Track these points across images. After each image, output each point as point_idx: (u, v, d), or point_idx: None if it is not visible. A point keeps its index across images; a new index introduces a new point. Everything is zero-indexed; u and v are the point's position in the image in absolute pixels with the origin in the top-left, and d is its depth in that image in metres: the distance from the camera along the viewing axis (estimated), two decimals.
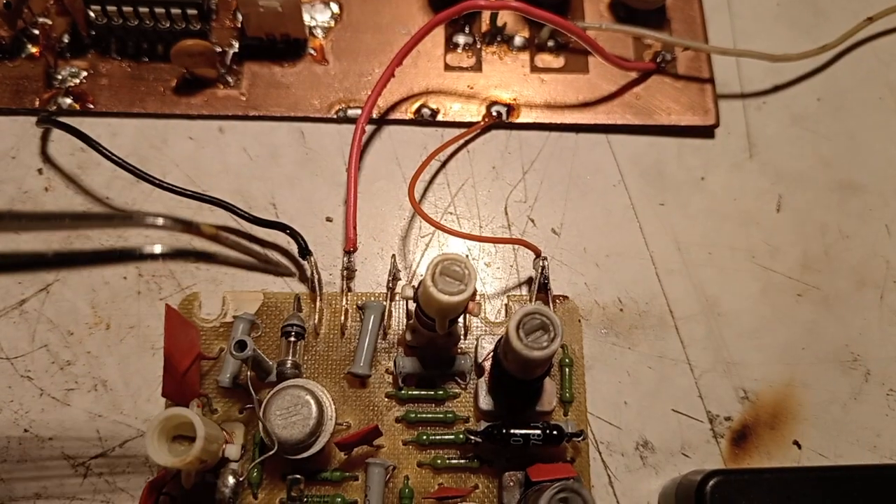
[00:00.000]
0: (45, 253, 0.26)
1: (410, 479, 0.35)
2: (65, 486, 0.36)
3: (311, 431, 0.32)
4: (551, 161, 0.43)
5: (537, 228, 0.41)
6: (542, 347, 0.30)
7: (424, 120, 0.43)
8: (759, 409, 0.39)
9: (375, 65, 0.43)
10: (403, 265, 0.40)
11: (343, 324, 0.38)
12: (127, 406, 0.37)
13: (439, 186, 0.42)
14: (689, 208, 0.42)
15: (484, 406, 0.35)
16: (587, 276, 0.40)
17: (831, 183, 0.43)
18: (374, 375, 0.37)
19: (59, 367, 0.38)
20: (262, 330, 0.37)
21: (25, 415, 0.37)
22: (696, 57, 0.44)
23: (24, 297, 0.39)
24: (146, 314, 0.39)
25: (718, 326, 0.40)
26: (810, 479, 0.33)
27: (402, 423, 0.36)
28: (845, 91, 0.45)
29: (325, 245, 0.40)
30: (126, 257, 0.26)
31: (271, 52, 0.43)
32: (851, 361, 0.40)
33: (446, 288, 0.31)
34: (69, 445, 0.37)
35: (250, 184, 0.41)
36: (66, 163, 0.41)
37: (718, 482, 0.32)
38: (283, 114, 0.42)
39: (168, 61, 0.42)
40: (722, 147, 0.43)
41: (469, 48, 0.44)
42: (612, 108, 0.43)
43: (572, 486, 0.29)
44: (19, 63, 0.43)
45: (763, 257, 0.41)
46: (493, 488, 0.35)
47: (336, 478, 0.35)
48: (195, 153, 0.42)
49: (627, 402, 0.38)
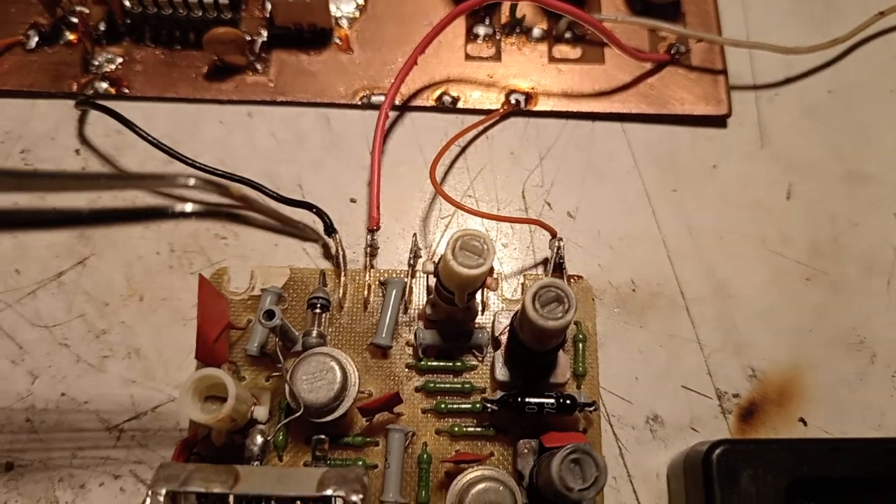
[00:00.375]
0: (81, 211, 0.27)
1: (429, 446, 0.37)
2: (99, 447, 0.38)
3: (335, 395, 0.34)
4: (568, 148, 0.44)
5: (553, 212, 0.43)
6: (557, 318, 0.32)
7: (445, 107, 0.44)
8: (766, 388, 0.40)
9: (399, 54, 0.45)
10: (424, 244, 0.42)
11: (366, 298, 0.39)
12: (159, 373, 0.39)
13: (459, 171, 0.44)
14: (701, 195, 0.43)
15: (500, 377, 0.37)
16: (601, 258, 0.42)
17: (841, 173, 0.44)
18: (395, 347, 0.38)
19: (95, 335, 0.40)
20: (289, 303, 0.39)
21: (63, 380, 0.39)
22: (709, 49, 0.45)
23: (61, 270, 0.41)
24: (178, 287, 0.41)
25: (728, 308, 0.41)
26: (815, 450, 0.34)
27: (421, 392, 0.38)
28: (856, 84, 0.46)
29: (349, 225, 0.42)
30: (159, 215, 0.27)
31: (299, 40, 0.45)
32: (858, 344, 0.41)
33: (466, 261, 0.33)
34: (104, 409, 0.38)
35: (278, 166, 0.43)
36: (101, 144, 0.43)
37: (724, 451, 0.34)
38: (310, 100, 0.44)
39: (200, 49, 0.44)
40: (734, 136, 0.45)
41: (489, 39, 0.46)
42: (628, 97, 0.45)
43: (584, 447, 0.31)
44: (58, 49, 0.45)
45: (773, 243, 0.43)
46: (507, 455, 0.37)
47: (358, 443, 0.37)
48: (225, 137, 0.44)
49: (639, 377, 0.40)
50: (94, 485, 0.37)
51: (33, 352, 0.39)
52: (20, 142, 0.43)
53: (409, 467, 0.37)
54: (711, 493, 0.33)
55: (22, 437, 0.38)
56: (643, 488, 0.38)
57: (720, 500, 0.33)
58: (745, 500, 0.33)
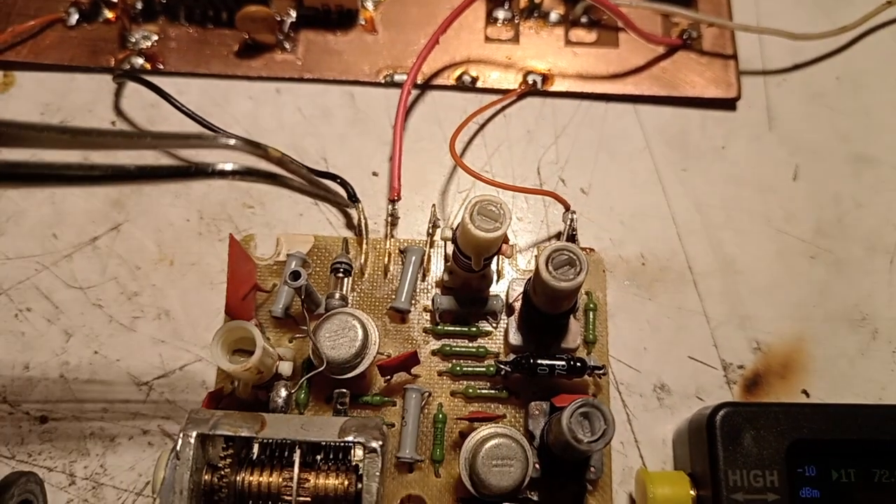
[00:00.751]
0: (116, 177, 0.29)
1: (444, 407, 0.39)
2: (129, 402, 0.40)
3: (356, 353, 0.36)
4: (582, 127, 0.46)
5: (567, 188, 0.44)
6: (569, 279, 0.34)
7: (465, 86, 0.46)
8: (770, 360, 0.41)
9: (421, 35, 0.47)
10: (442, 216, 0.43)
11: (386, 265, 0.41)
12: (187, 334, 0.41)
13: (477, 147, 0.45)
14: (709, 174, 0.45)
15: (513, 341, 0.38)
16: (612, 233, 0.43)
17: (847, 155, 0.46)
18: (414, 312, 0.40)
19: (127, 297, 0.42)
20: (313, 269, 0.41)
21: (96, 338, 0.41)
22: (720, 34, 0.47)
23: (96, 235, 0.43)
24: (206, 253, 0.42)
25: (734, 283, 0.43)
26: (815, 414, 0.35)
27: (437, 355, 0.39)
28: (864, 71, 0.48)
29: (371, 197, 0.44)
30: (199, 173, 0.29)
31: (326, 21, 0.47)
32: (860, 320, 0.42)
33: (483, 225, 0.35)
34: (134, 366, 0.40)
35: (304, 140, 0.45)
36: (136, 117, 0.45)
37: (728, 412, 0.35)
38: (336, 77, 0.46)
39: (232, 27, 0.46)
40: (743, 119, 0.46)
41: (508, 22, 0.48)
42: (640, 80, 0.46)
43: (593, 402, 0.32)
44: (97, 26, 0.47)
45: (779, 221, 0.44)
46: (519, 417, 0.39)
47: (376, 402, 0.38)
48: (254, 111, 0.46)
49: (647, 347, 0.41)
50: (123, 438, 0.39)
51: (68, 311, 0.41)
52: (59, 113, 0.45)
53: (425, 427, 0.38)
54: (715, 452, 0.35)
55: (56, 392, 0.40)
56: (649, 453, 0.40)
57: (723, 459, 0.34)
58: (747, 460, 0.34)
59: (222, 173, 0.30)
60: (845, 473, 0.35)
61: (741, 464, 0.34)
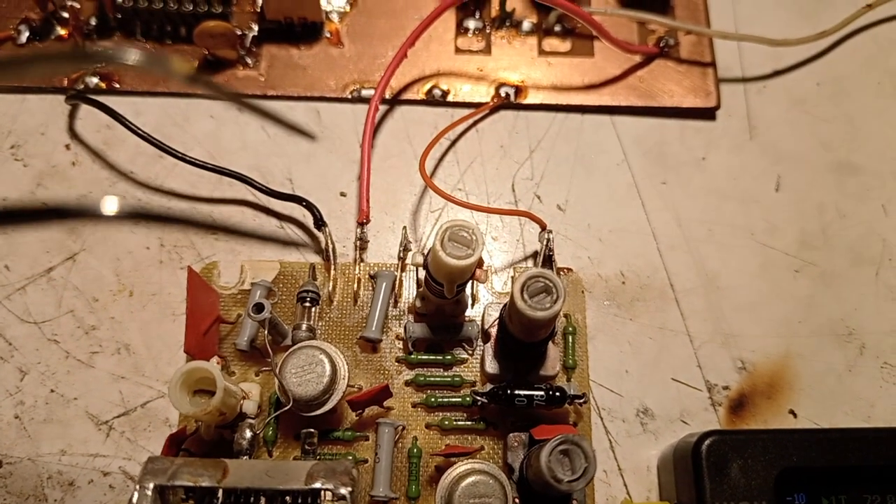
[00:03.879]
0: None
1: (419, 440, 0.37)
2: (89, 443, 0.38)
3: (324, 389, 0.34)
4: (557, 141, 0.44)
5: (543, 205, 0.43)
6: (546, 308, 0.32)
7: (435, 100, 0.44)
8: (756, 379, 0.40)
9: (389, 48, 0.45)
10: (414, 238, 0.42)
11: (356, 292, 0.39)
12: (148, 368, 0.39)
13: (449, 164, 0.44)
14: (690, 187, 0.43)
15: (490, 370, 0.37)
16: (591, 251, 0.42)
17: (829, 164, 0.44)
18: (385, 341, 0.38)
19: (85, 331, 0.40)
20: (279, 297, 0.39)
21: (52, 376, 0.39)
22: (698, 41, 0.46)
23: (51, 265, 0.41)
24: (167, 282, 0.40)
25: (718, 299, 0.41)
26: (803, 440, 0.34)
27: (411, 385, 0.38)
28: (844, 76, 0.47)
29: (339, 218, 0.42)
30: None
31: (289, 34, 0.45)
32: (847, 335, 0.41)
33: (454, 252, 0.33)
34: (93, 405, 0.38)
35: (268, 160, 0.43)
36: (92, 139, 0.43)
37: (714, 441, 0.34)
38: (300, 94, 0.44)
39: (190, 43, 0.44)
40: (723, 129, 0.45)
41: (479, 32, 0.46)
42: (617, 90, 0.45)
43: (574, 438, 0.31)
44: (48, 44, 0.45)
45: (762, 234, 0.43)
46: (497, 449, 0.37)
47: (348, 437, 0.37)
48: (215, 131, 0.44)
49: (629, 370, 0.40)
50: (83, 482, 0.37)
51: (22, 348, 0.39)
52: (10, 137, 0.43)
53: (400, 462, 0.37)
54: (701, 483, 0.33)
55: (11, 435, 0.38)
56: (634, 481, 0.38)
57: (710, 490, 0.33)
58: (735, 490, 0.33)
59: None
60: (836, 500, 0.34)
61: (729, 495, 0.33)
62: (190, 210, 0.42)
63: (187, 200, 0.42)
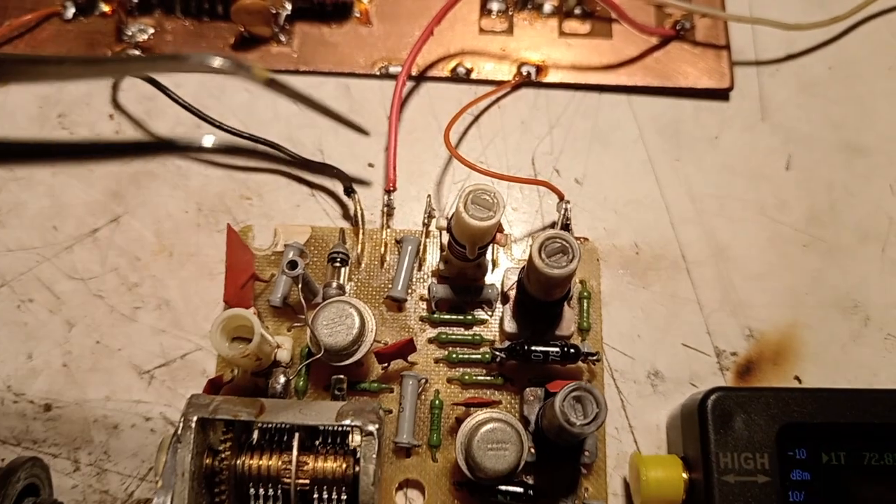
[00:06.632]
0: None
1: (440, 393, 0.39)
2: (132, 390, 0.40)
3: (353, 340, 0.36)
4: (576, 118, 0.46)
5: (561, 178, 0.45)
6: (562, 267, 0.34)
7: (459, 77, 0.46)
8: (763, 347, 0.42)
9: (416, 27, 0.47)
10: (438, 207, 0.44)
11: (382, 255, 0.42)
12: (187, 323, 0.41)
13: (472, 139, 0.46)
14: (702, 164, 0.45)
15: (508, 329, 0.39)
16: (606, 222, 0.44)
17: (839, 144, 0.46)
18: (410, 301, 0.41)
19: (128, 287, 0.42)
20: (310, 259, 0.41)
21: (97, 328, 0.41)
22: (713, 25, 0.47)
23: (96, 227, 0.43)
24: (205, 244, 0.43)
25: (727, 270, 0.43)
26: (806, 399, 0.36)
27: (433, 343, 0.40)
28: (856, 61, 0.48)
29: (367, 188, 0.44)
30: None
31: (321, 14, 0.47)
32: (852, 307, 0.43)
33: (477, 214, 0.35)
34: (135, 355, 0.41)
35: (300, 131, 0.45)
36: (134, 110, 0.46)
37: (720, 397, 0.36)
38: (331, 70, 0.46)
39: (227, 20, 0.46)
40: (736, 109, 0.47)
41: (502, 14, 0.48)
42: (634, 70, 0.47)
43: (586, 386, 0.33)
44: (93, 20, 0.47)
45: (771, 210, 0.44)
46: (514, 403, 0.39)
47: (374, 388, 0.39)
48: (250, 103, 0.46)
49: (640, 335, 0.42)
50: (126, 426, 0.40)
51: (70, 302, 0.42)
52: (57, 106, 0.46)
53: (422, 413, 0.39)
54: (706, 435, 0.35)
55: (60, 381, 0.40)
56: (643, 438, 0.40)
57: (714, 442, 0.35)
58: (738, 443, 0.35)
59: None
60: (835, 456, 0.36)
61: (732, 447, 0.35)
62: (226, 177, 0.44)
63: (223, 168, 0.45)
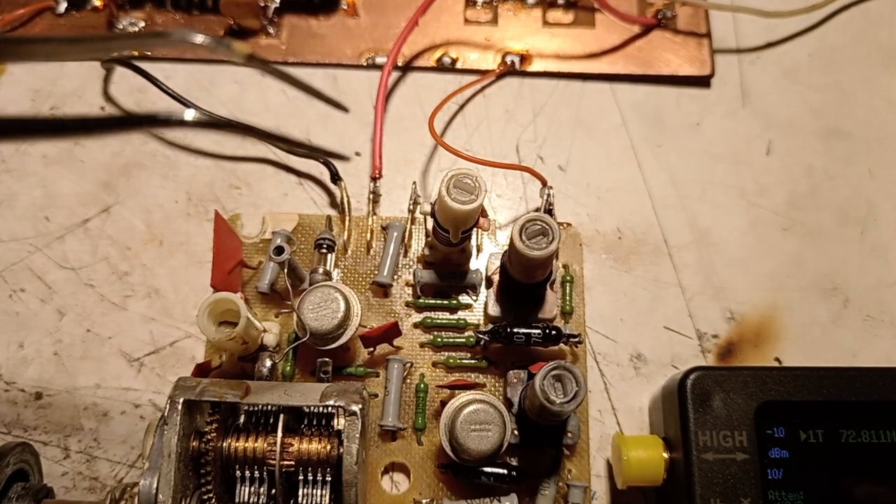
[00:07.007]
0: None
1: (426, 377, 0.40)
2: (121, 377, 0.41)
3: (338, 324, 0.37)
4: (560, 106, 0.47)
5: (545, 165, 0.46)
6: (542, 248, 0.35)
7: (445, 67, 0.47)
8: (743, 329, 0.43)
9: (402, 18, 0.48)
10: (423, 194, 0.44)
11: (369, 242, 0.42)
12: (176, 311, 0.42)
13: (457, 127, 0.46)
14: (684, 150, 0.46)
15: (492, 312, 0.40)
16: (589, 208, 0.45)
17: (819, 130, 0.47)
18: (396, 286, 0.41)
19: (118, 276, 0.43)
20: (297, 246, 0.42)
21: (88, 317, 0.42)
22: (694, 13, 0.48)
23: (87, 217, 0.44)
24: (194, 233, 0.44)
25: (709, 255, 0.44)
26: (783, 377, 0.36)
27: (419, 328, 0.41)
28: (835, 48, 0.49)
29: (354, 177, 0.45)
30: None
31: (308, 6, 0.48)
32: (832, 290, 0.43)
33: (459, 197, 0.36)
34: (125, 343, 0.42)
35: (288, 121, 0.46)
36: (125, 102, 0.47)
37: (699, 376, 0.36)
38: (319, 61, 0.47)
39: (217, 13, 0.47)
40: (717, 96, 0.47)
41: (486, 5, 0.49)
42: (616, 59, 0.47)
43: (566, 364, 0.33)
44: (85, 14, 0.48)
45: (752, 195, 0.45)
46: (499, 386, 0.40)
47: (359, 373, 0.40)
48: (239, 94, 0.47)
49: (623, 318, 0.42)
50: (116, 413, 0.41)
51: (61, 291, 0.42)
52: (49, 99, 0.46)
53: (408, 396, 0.40)
54: (685, 414, 0.36)
55: (50, 370, 0.41)
56: (626, 420, 0.41)
57: (693, 420, 0.36)
58: (717, 421, 0.36)
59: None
60: (813, 434, 0.36)
61: (711, 425, 0.36)
62: (215, 167, 0.45)
63: (212, 158, 0.45)
